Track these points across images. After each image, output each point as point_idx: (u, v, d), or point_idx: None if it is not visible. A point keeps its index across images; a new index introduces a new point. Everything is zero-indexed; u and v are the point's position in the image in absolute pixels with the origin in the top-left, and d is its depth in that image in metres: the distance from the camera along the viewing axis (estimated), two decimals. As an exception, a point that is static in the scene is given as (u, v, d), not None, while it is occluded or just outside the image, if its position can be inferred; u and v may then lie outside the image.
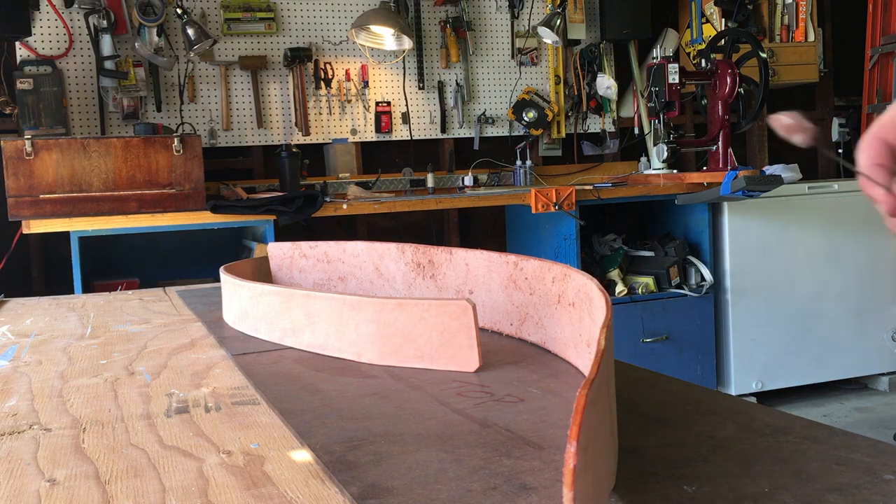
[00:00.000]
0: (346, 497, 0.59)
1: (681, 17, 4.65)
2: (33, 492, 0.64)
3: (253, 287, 1.20)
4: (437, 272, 1.22)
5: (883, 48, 4.56)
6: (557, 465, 0.62)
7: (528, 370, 0.92)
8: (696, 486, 0.58)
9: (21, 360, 1.14)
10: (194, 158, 3.22)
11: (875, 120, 0.80)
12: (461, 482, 0.60)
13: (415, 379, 0.90)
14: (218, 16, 3.85)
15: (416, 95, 4.20)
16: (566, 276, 0.94)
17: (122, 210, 3.12)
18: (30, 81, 3.40)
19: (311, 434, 0.73)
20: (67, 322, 1.46)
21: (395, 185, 4.10)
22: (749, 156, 4.77)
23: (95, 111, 3.68)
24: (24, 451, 0.74)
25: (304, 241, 1.48)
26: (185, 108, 3.81)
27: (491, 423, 0.73)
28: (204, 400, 0.88)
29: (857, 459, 0.62)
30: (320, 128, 4.02)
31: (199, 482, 0.64)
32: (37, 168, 3.03)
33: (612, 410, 0.63)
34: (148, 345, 1.20)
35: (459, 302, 0.91)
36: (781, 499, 0.56)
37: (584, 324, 0.87)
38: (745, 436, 0.69)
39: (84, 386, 0.97)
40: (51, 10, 3.59)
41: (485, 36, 4.31)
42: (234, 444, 0.72)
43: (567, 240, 3.65)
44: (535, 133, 4.31)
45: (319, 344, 1.05)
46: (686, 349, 3.73)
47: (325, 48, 4.04)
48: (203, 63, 3.84)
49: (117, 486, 0.64)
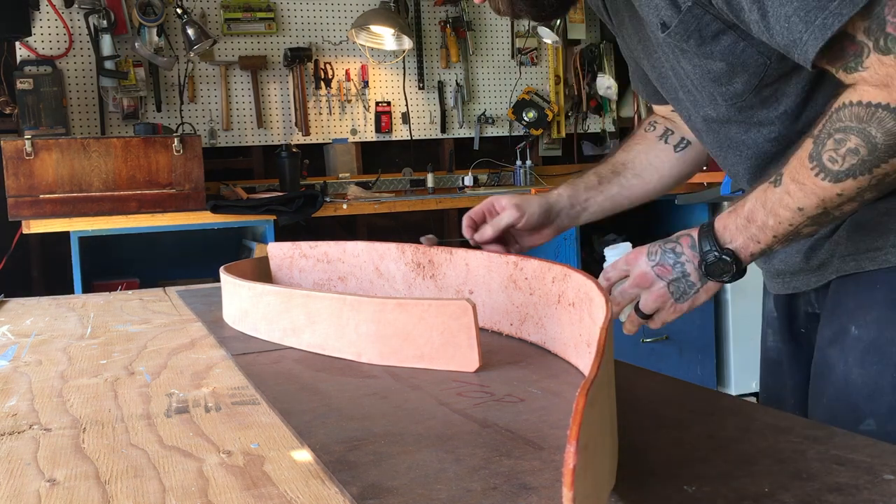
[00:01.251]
0: (346, 497, 0.59)
1: (681, 17, 4.65)
2: (33, 492, 0.64)
3: (253, 287, 1.20)
4: (438, 272, 1.22)
5: (883, 48, 4.56)
6: (557, 465, 0.62)
7: (528, 370, 0.92)
8: (696, 486, 0.58)
9: (21, 360, 1.14)
10: (194, 158, 3.22)
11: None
12: (461, 482, 0.60)
13: (415, 379, 0.90)
14: (218, 16, 3.85)
15: (416, 95, 4.20)
16: (566, 276, 0.94)
17: (122, 210, 3.12)
18: (30, 81, 3.40)
19: (311, 434, 0.73)
20: (67, 322, 1.46)
21: (395, 185, 4.10)
22: (749, 156, 4.77)
23: (95, 111, 3.68)
24: (24, 451, 0.74)
25: (304, 241, 1.48)
26: (185, 108, 3.81)
27: (491, 423, 0.73)
28: (204, 400, 0.88)
29: (857, 459, 0.62)
30: (320, 128, 4.02)
31: (199, 482, 0.64)
32: (37, 168, 3.03)
33: (612, 410, 0.63)
34: (148, 345, 1.20)
35: (459, 302, 0.91)
36: (781, 499, 0.56)
37: (584, 324, 0.87)
38: (745, 436, 0.69)
39: (84, 386, 0.97)
40: (51, 10, 3.59)
41: (485, 36, 4.31)
42: (234, 444, 0.73)
43: (567, 240, 3.65)
44: (535, 133, 4.31)
45: (319, 344, 1.05)
46: (686, 349, 3.73)
47: (325, 48, 4.04)
48: (203, 63, 3.84)
49: (117, 486, 0.64)
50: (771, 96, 0.98)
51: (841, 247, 1.00)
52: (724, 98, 1.00)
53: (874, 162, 0.82)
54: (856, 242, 0.99)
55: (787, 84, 0.96)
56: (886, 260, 0.96)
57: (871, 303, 0.97)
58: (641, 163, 1.29)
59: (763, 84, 0.96)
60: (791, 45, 0.83)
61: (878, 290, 0.97)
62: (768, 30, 0.85)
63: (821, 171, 0.85)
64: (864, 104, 0.81)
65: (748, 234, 0.93)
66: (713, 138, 1.10)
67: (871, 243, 0.97)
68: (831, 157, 0.84)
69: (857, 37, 0.81)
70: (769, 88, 0.97)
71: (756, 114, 1.00)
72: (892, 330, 0.95)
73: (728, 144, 1.08)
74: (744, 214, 0.93)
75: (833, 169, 0.84)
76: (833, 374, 1.01)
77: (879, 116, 0.80)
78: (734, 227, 0.94)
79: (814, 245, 1.04)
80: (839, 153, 0.83)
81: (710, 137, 1.10)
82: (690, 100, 1.07)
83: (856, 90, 0.83)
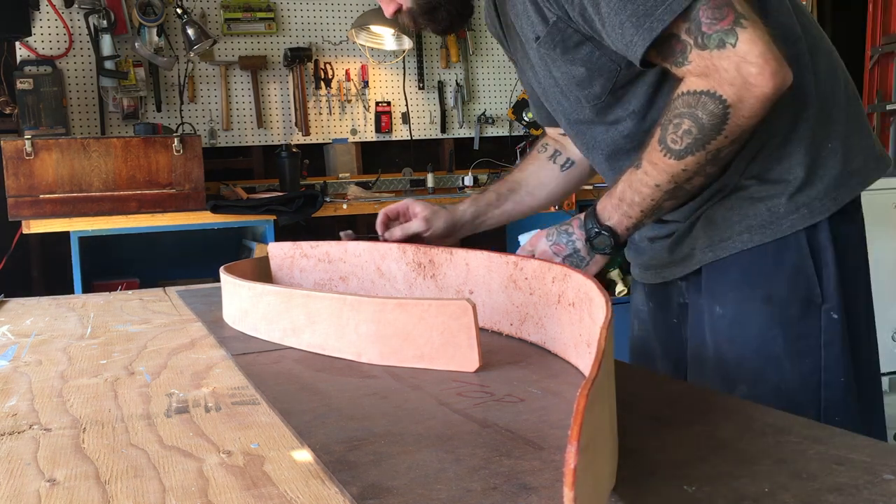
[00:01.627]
0: (346, 497, 0.59)
1: (681, 17, 4.65)
2: (33, 492, 0.64)
3: (253, 287, 1.20)
4: (438, 272, 1.22)
5: (883, 48, 4.56)
6: (557, 465, 0.62)
7: (528, 370, 0.92)
8: (696, 486, 0.58)
9: (21, 360, 1.14)
10: (194, 158, 3.22)
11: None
12: (461, 482, 0.60)
13: (415, 379, 0.90)
14: (218, 16, 3.85)
15: (416, 95, 4.20)
16: (566, 276, 0.94)
17: (122, 210, 3.12)
18: (30, 81, 3.40)
19: (311, 434, 0.73)
20: (67, 322, 1.46)
21: (395, 185, 4.10)
22: (749, 156, 4.77)
23: (95, 111, 3.68)
24: (24, 451, 0.74)
25: (306, 241, 1.48)
26: (185, 108, 3.81)
27: (491, 423, 0.73)
28: (204, 400, 0.88)
29: (857, 459, 0.62)
30: (320, 128, 4.02)
31: (199, 482, 0.64)
32: (37, 168, 3.03)
33: (612, 410, 0.63)
34: (148, 345, 1.20)
35: (459, 302, 0.91)
36: (781, 499, 0.56)
37: (584, 324, 0.87)
38: (745, 436, 0.69)
39: (84, 386, 0.97)
40: (51, 10, 3.59)
41: (485, 36, 4.31)
42: (234, 444, 0.72)
43: (567, 240, 3.64)
44: (535, 133, 4.31)
45: (319, 344, 1.05)
46: (686, 349, 3.73)
47: (325, 48, 4.04)
48: (203, 63, 3.84)
49: (117, 486, 0.64)
50: (623, 97, 1.16)
51: (700, 240, 1.17)
52: (587, 100, 1.18)
53: (705, 139, 1.00)
54: (710, 235, 1.16)
55: (636, 86, 1.14)
56: (735, 247, 1.13)
57: (729, 284, 1.15)
58: (533, 182, 1.49)
59: (617, 86, 1.14)
60: (625, 47, 1.01)
61: (733, 272, 1.14)
62: (608, 36, 1.03)
63: (667, 151, 1.03)
64: (691, 92, 0.99)
65: (621, 212, 1.11)
66: (581, 140, 1.28)
67: (722, 234, 1.15)
68: (673, 139, 1.02)
69: (681, 36, 0.98)
70: (622, 90, 1.15)
71: (612, 113, 1.18)
72: (747, 304, 1.13)
73: (593, 145, 1.26)
74: (617, 195, 1.11)
75: (675, 149, 1.02)
76: (707, 351, 1.18)
77: (703, 101, 0.98)
78: (610, 207, 1.12)
79: (677, 240, 1.22)
80: (678, 135, 1.01)
81: (580, 140, 1.29)
82: (562, 108, 1.26)
83: (686, 82, 1.00)
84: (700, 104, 0.98)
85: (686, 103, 1.00)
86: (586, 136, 1.26)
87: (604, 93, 1.15)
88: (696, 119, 0.99)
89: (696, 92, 0.99)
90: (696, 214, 1.17)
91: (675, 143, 1.02)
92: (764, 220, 1.12)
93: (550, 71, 1.20)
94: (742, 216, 1.13)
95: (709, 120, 0.98)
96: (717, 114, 0.98)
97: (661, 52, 1.01)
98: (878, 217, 3.89)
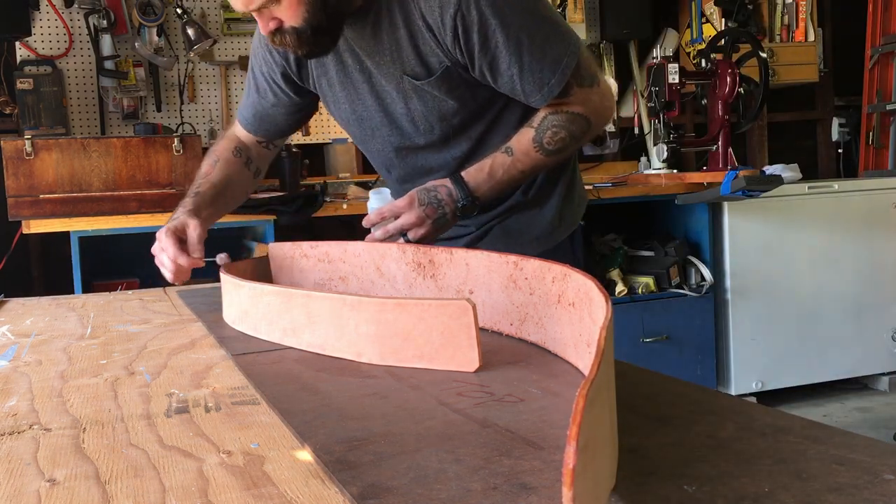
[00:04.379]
0: (346, 497, 0.59)
1: (681, 16, 4.65)
2: (33, 492, 0.64)
3: (253, 287, 1.20)
4: (438, 272, 1.22)
5: (883, 48, 4.56)
6: (557, 465, 0.62)
7: (528, 370, 0.92)
8: (696, 486, 0.58)
9: (21, 360, 1.14)
10: (194, 158, 3.21)
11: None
12: (461, 482, 0.60)
13: (415, 379, 0.90)
14: (218, 16, 3.85)
15: (416, 95, 4.19)
16: (566, 276, 0.94)
17: (122, 210, 3.12)
18: (30, 81, 3.40)
19: (311, 434, 0.73)
20: (67, 322, 1.46)
21: (395, 185, 4.10)
22: (749, 156, 4.77)
23: (95, 111, 3.68)
24: (24, 451, 0.74)
25: (305, 242, 1.48)
26: (185, 108, 3.81)
27: (491, 423, 0.73)
28: (204, 400, 0.88)
29: (857, 459, 0.62)
30: (320, 128, 4.02)
31: (199, 482, 0.64)
32: (37, 168, 3.03)
33: (612, 410, 0.63)
34: (148, 345, 1.20)
35: (459, 302, 0.91)
36: (781, 499, 0.56)
37: (584, 324, 0.87)
38: (745, 436, 0.69)
39: (84, 386, 0.97)
40: (51, 10, 3.59)
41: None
42: (234, 444, 0.72)
43: (567, 240, 3.64)
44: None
45: (319, 344, 1.05)
46: (686, 349, 3.73)
47: (325, 48, 4.03)
48: (203, 63, 3.84)
49: (117, 486, 0.64)
50: (470, 125, 1.45)
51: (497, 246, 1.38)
52: (442, 129, 1.45)
53: (569, 147, 1.41)
54: (507, 245, 1.45)
55: (483, 116, 1.45)
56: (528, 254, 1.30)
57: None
58: (234, 188, 1.65)
59: (471, 117, 1.44)
60: (537, 88, 1.34)
61: None
62: (519, 81, 1.34)
63: (541, 149, 1.38)
64: (571, 113, 1.38)
65: (489, 186, 1.39)
66: (404, 165, 1.53)
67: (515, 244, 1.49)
68: (549, 141, 1.38)
69: (572, 82, 1.36)
70: (471, 120, 1.44)
71: (455, 139, 1.46)
72: None
73: (420, 171, 1.51)
74: (487, 171, 1.38)
75: (549, 148, 1.38)
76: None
77: (578, 121, 1.39)
78: (481, 179, 1.38)
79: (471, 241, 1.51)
80: (555, 139, 1.38)
81: (402, 165, 1.53)
82: (389, 135, 1.48)
83: (569, 105, 1.38)
84: (575, 122, 1.38)
85: (567, 119, 1.38)
86: (406, 160, 1.51)
87: (461, 122, 1.44)
88: (570, 131, 1.38)
89: (575, 113, 1.38)
90: (489, 225, 1.52)
91: (549, 145, 1.38)
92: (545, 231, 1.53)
93: (408, 102, 1.42)
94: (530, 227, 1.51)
95: (579, 133, 1.39)
96: (584, 129, 1.40)
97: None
98: (877, 217, 3.89)
